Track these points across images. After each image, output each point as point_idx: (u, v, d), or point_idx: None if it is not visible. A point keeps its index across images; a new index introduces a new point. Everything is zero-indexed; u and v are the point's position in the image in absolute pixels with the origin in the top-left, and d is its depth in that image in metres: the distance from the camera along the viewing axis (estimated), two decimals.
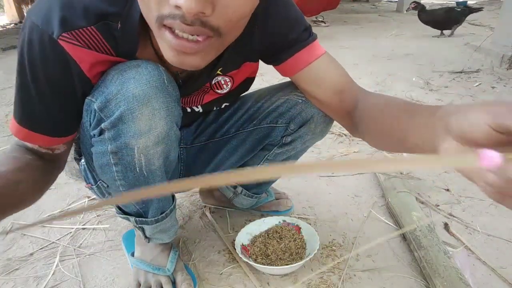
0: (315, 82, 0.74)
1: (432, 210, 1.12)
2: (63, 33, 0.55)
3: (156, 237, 0.84)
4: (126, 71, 0.58)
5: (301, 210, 1.15)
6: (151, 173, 0.67)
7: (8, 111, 2.14)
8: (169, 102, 0.62)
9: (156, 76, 0.59)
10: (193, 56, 0.51)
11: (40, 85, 0.59)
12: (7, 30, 5.92)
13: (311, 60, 0.71)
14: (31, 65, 0.57)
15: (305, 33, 0.72)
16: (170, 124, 0.63)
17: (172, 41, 0.49)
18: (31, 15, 0.56)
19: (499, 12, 3.07)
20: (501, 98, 2.01)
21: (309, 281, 0.87)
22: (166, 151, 0.66)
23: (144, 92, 0.58)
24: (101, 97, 0.59)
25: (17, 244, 1.05)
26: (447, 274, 0.80)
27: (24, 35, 0.56)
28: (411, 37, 3.74)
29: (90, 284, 0.90)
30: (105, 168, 0.67)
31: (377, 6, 6.83)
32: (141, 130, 0.60)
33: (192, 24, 0.46)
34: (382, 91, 2.22)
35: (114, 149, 0.62)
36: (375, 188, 1.24)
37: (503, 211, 1.10)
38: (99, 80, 0.61)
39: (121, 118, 0.59)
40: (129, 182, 0.67)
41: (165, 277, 0.85)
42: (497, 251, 0.95)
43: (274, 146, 0.90)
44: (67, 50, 0.56)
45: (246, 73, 0.80)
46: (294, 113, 0.82)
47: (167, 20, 0.47)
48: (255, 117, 0.87)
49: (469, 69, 2.54)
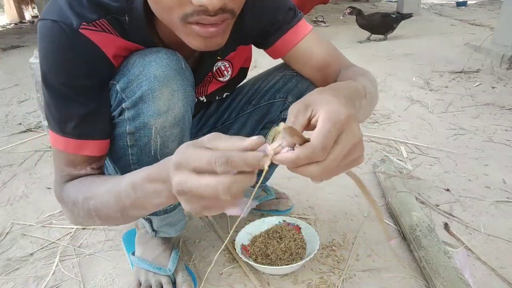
0: (301, 61, 0.79)
1: (432, 210, 1.12)
2: (83, 22, 0.57)
3: (163, 230, 0.85)
4: (147, 55, 0.62)
5: (301, 210, 1.15)
6: (165, 157, 0.68)
7: (8, 111, 2.14)
8: (186, 86, 0.65)
9: (175, 61, 0.63)
10: (216, 38, 0.55)
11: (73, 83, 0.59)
12: (7, 30, 5.92)
13: (297, 40, 0.75)
14: (58, 63, 0.58)
15: (290, 12, 0.75)
16: (186, 106, 0.66)
17: (200, 31, 0.53)
18: (45, 17, 0.57)
19: (499, 12, 3.07)
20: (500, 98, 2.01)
21: (309, 281, 0.87)
22: (180, 135, 0.69)
23: (165, 73, 0.61)
24: (124, 78, 0.62)
25: (17, 244, 1.05)
26: (447, 274, 0.80)
27: (43, 38, 0.57)
28: (411, 37, 3.74)
29: (90, 284, 0.90)
30: (120, 152, 0.68)
31: (377, 6, 6.82)
32: (160, 110, 0.62)
33: (216, 14, 0.51)
34: (382, 91, 2.22)
35: (132, 129, 0.64)
36: (375, 188, 1.24)
37: (503, 211, 1.10)
38: (121, 65, 0.64)
39: (142, 98, 0.61)
40: (142, 167, 0.68)
41: (165, 277, 0.85)
42: (497, 251, 0.95)
43: (273, 123, 0.92)
44: (89, 37, 0.58)
45: (241, 57, 0.84)
46: (290, 86, 0.86)
47: (192, 17, 0.51)
48: (253, 98, 0.91)
49: (469, 69, 2.54)
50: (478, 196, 1.18)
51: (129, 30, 0.62)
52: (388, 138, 1.60)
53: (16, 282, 0.92)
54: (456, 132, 1.65)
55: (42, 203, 1.24)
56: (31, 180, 1.39)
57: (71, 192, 0.64)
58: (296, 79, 0.85)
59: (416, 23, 3.90)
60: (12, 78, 2.82)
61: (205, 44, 0.55)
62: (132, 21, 0.61)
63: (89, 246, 1.03)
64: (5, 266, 0.97)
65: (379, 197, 1.19)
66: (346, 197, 1.20)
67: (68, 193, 0.64)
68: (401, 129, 1.70)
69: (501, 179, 1.27)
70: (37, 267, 0.96)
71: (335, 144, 0.42)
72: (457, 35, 3.69)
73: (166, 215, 0.80)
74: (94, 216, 0.60)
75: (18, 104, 2.24)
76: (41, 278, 0.93)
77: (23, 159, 1.55)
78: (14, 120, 2.01)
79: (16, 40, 4.65)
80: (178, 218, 0.84)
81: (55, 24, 0.56)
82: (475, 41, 3.01)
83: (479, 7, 5.89)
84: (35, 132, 1.83)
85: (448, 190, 1.21)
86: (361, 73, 0.69)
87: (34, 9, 7.39)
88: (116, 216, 0.58)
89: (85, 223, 0.66)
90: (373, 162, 1.39)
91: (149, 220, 0.82)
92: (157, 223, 0.83)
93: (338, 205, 1.17)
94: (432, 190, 1.22)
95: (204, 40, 0.55)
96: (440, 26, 4.27)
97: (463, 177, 1.29)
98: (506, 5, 2.73)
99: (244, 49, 0.82)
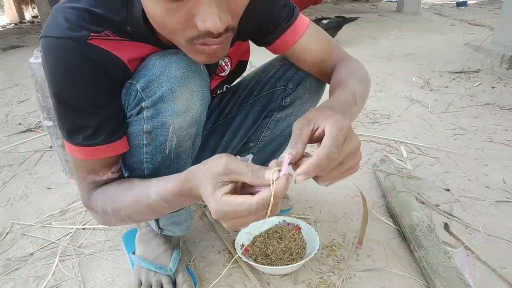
0: (300, 57, 0.81)
1: (432, 210, 1.12)
2: (90, 33, 0.58)
3: (168, 229, 0.85)
4: (167, 57, 0.63)
5: (301, 210, 1.15)
6: (178, 157, 0.70)
7: (8, 111, 2.14)
8: (204, 87, 0.66)
9: (194, 62, 0.64)
10: (219, 52, 0.57)
11: (84, 95, 0.60)
12: (7, 30, 5.92)
13: (297, 38, 0.77)
14: (67, 79, 0.58)
15: (286, 8, 0.76)
16: (203, 107, 0.68)
17: (205, 50, 0.55)
18: (48, 34, 0.57)
19: (499, 12, 3.07)
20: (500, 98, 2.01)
21: (309, 281, 0.87)
22: (195, 135, 0.70)
23: (185, 74, 0.62)
24: (144, 78, 0.62)
25: (17, 244, 1.05)
26: (447, 274, 0.80)
27: (49, 55, 0.57)
28: (411, 37, 3.74)
29: (90, 284, 0.90)
30: (134, 150, 0.68)
31: (377, 6, 6.83)
32: (179, 110, 0.63)
33: (220, 35, 0.53)
34: (382, 91, 2.22)
35: (150, 128, 0.65)
36: (375, 188, 1.24)
37: (503, 211, 1.10)
38: (140, 66, 0.64)
39: (162, 98, 0.62)
40: (155, 166, 0.70)
41: (166, 277, 0.85)
42: (497, 251, 0.95)
43: (274, 111, 0.94)
44: (100, 45, 0.59)
45: (239, 51, 0.86)
46: (290, 74, 0.88)
47: (197, 40, 0.53)
48: (254, 89, 0.93)
49: (469, 69, 2.54)
50: (478, 196, 1.18)
51: (135, 37, 0.63)
52: (388, 138, 1.60)
53: (16, 282, 0.92)
54: (456, 132, 1.65)
55: (42, 203, 1.24)
56: (31, 180, 1.39)
57: (98, 202, 0.68)
58: (295, 67, 0.87)
59: (416, 23, 3.90)
60: (12, 78, 2.82)
61: (210, 59, 0.58)
62: (134, 31, 0.62)
63: (89, 246, 1.03)
64: (5, 266, 0.97)
65: (379, 197, 1.20)
66: (346, 197, 1.20)
67: (96, 202, 0.69)
68: (401, 129, 1.70)
69: (501, 179, 1.27)
70: (37, 267, 0.96)
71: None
72: (457, 35, 3.69)
73: (174, 213, 0.81)
74: (128, 220, 0.69)
75: (18, 104, 2.24)
76: (41, 278, 0.93)
77: (23, 159, 1.55)
78: (14, 120, 2.01)
79: (16, 40, 4.64)
80: (184, 218, 0.85)
81: (60, 40, 0.56)
82: (475, 41, 3.01)
83: (479, 7, 5.89)
84: (35, 132, 1.83)
85: (448, 190, 1.21)
86: (352, 73, 0.71)
87: (34, 9, 7.39)
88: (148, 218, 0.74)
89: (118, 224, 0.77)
90: (373, 162, 1.39)
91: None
92: (163, 221, 0.83)
93: (338, 205, 1.17)
94: (432, 190, 1.22)
95: (208, 56, 0.57)
96: (440, 26, 4.27)
97: (463, 177, 1.29)
98: (506, 5, 2.73)
99: (242, 44, 0.84)
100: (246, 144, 0.99)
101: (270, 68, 0.91)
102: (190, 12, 0.49)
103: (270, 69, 0.92)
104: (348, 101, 0.61)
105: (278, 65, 0.90)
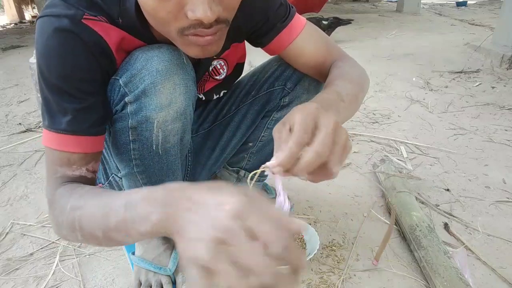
0: (296, 58, 0.81)
1: (432, 210, 1.12)
2: (85, 13, 0.58)
3: None
4: (149, 51, 0.63)
5: (301, 210, 1.15)
6: (166, 152, 0.70)
7: (8, 111, 2.14)
8: (187, 80, 0.66)
9: (176, 55, 0.64)
10: (212, 45, 0.57)
11: (72, 76, 0.58)
12: (7, 30, 5.92)
13: (292, 38, 0.77)
14: (57, 56, 0.57)
15: (282, 8, 0.76)
16: (187, 101, 0.67)
17: (197, 41, 0.54)
18: (44, 14, 0.57)
19: (499, 12, 3.07)
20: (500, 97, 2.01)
21: (309, 281, 0.87)
22: (182, 130, 0.69)
23: (167, 68, 0.62)
24: (127, 73, 0.62)
25: (17, 244, 1.05)
26: (447, 274, 0.80)
27: (42, 33, 0.57)
28: (411, 37, 3.74)
29: (90, 284, 0.90)
30: (122, 147, 0.68)
31: (377, 6, 6.83)
32: (162, 104, 0.63)
33: (211, 26, 0.53)
34: (382, 91, 2.22)
35: (134, 123, 0.65)
36: (375, 188, 1.24)
37: (503, 211, 1.10)
38: (123, 61, 0.65)
39: (145, 92, 0.62)
40: (143, 162, 0.69)
41: (166, 277, 0.85)
42: (497, 251, 0.95)
43: (273, 111, 0.93)
44: (92, 27, 0.59)
45: (236, 54, 0.85)
46: (288, 73, 0.88)
47: (188, 31, 0.53)
48: (252, 89, 0.93)
49: (469, 69, 2.54)
50: (478, 196, 1.18)
51: (126, 30, 0.63)
52: (388, 138, 1.60)
53: (16, 282, 0.92)
54: (456, 132, 1.65)
55: (42, 203, 1.24)
56: (31, 180, 1.39)
57: (62, 197, 0.59)
58: (293, 67, 0.86)
59: (416, 23, 3.90)
60: (12, 78, 2.82)
61: (202, 52, 0.57)
62: (126, 23, 0.62)
63: (89, 246, 1.03)
64: (5, 266, 0.97)
65: (379, 197, 1.20)
66: (346, 197, 1.20)
67: (59, 198, 0.59)
68: (401, 129, 1.70)
69: (501, 179, 1.27)
70: (37, 267, 0.96)
71: (316, 130, 0.47)
72: (457, 35, 3.69)
73: None
74: (77, 230, 0.54)
75: (18, 104, 2.24)
76: (41, 278, 0.93)
77: (23, 159, 1.55)
78: (14, 120, 2.01)
79: (16, 40, 4.64)
80: None
81: (56, 18, 0.56)
82: (475, 41, 3.01)
83: (479, 7, 5.89)
84: (35, 132, 1.83)
85: (448, 190, 1.21)
86: (341, 74, 0.71)
87: (34, 9, 7.39)
88: (97, 235, 0.51)
89: (68, 237, 0.59)
90: (373, 162, 1.39)
91: None
92: None
93: (338, 205, 1.17)
94: (432, 190, 1.22)
95: (201, 48, 0.56)
96: (440, 26, 4.27)
97: (463, 177, 1.29)
98: (506, 5, 2.73)
99: (238, 46, 0.84)
100: (245, 144, 0.99)
101: (268, 68, 0.91)
102: (181, 1, 0.49)
103: (268, 68, 0.91)
104: (329, 99, 0.60)
105: (276, 64, 0.90)
